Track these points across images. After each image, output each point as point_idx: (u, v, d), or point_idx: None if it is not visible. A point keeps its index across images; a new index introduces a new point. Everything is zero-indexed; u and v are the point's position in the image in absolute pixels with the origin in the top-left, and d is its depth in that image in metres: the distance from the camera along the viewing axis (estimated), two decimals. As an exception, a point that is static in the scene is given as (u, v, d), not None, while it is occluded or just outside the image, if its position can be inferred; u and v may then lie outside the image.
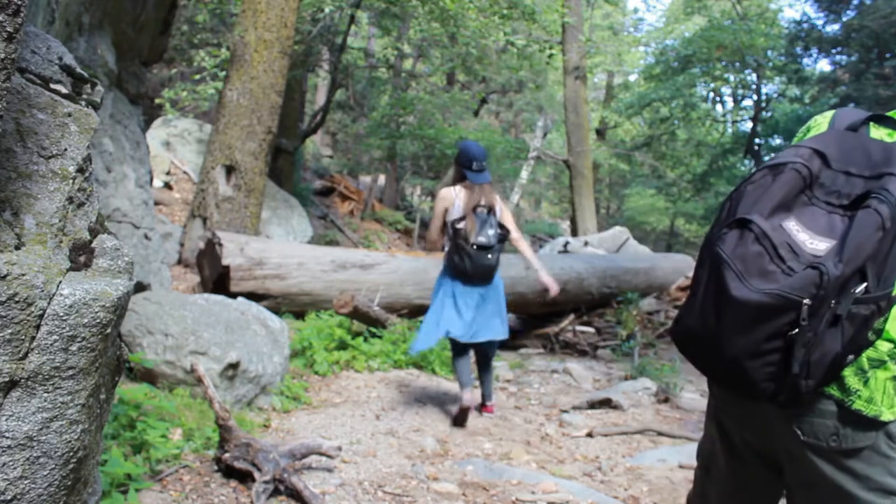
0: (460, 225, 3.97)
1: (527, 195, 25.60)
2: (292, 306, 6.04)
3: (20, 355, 1.03)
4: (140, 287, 4.36)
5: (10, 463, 1.03)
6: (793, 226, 1.22)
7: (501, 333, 4.18)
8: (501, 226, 4.07)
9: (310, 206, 12.36)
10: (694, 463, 1.64)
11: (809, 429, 1.26)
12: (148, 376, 3.61)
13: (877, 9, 14.41)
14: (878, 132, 1.39)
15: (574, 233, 14.32)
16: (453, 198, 4.06)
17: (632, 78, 26.99)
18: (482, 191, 4.08)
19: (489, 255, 3.99)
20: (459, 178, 4.16)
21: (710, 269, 1.25)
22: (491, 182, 4.20)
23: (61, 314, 1.07)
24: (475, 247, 3.95)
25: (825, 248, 1.17)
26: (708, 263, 1.26)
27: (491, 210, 4.05)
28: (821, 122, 1.49)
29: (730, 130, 24.28)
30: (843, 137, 1.34)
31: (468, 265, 3.97)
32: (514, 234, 4.18)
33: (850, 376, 1.23)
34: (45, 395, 1.07)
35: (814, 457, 1.27)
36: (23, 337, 1.03)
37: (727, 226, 1.25)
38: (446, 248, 4.09)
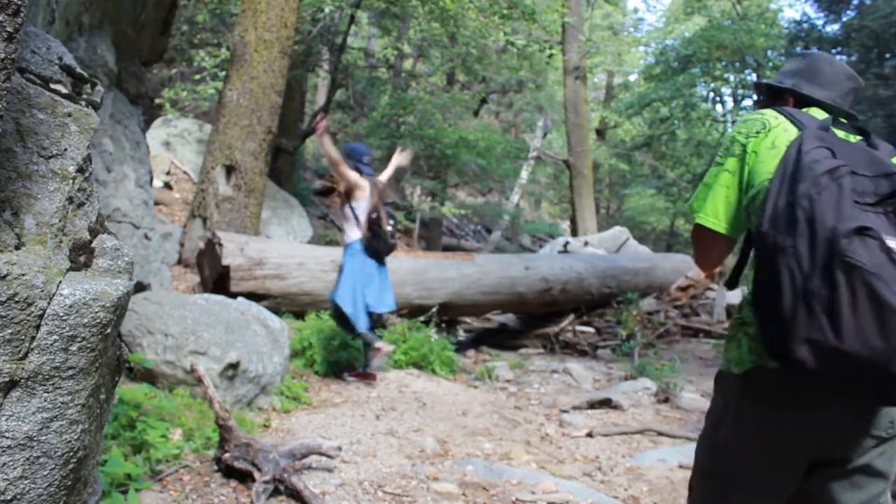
0: (375, 215, 4.86)
1: (527, 195, 25.59)
2: (292, 306, 6.04)
3: (20, 355, 1.03)
4: (140, 287, 4.36)
5: (10, 463, 1.03)
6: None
7: (393, 305, 5.14)
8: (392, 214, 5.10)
9: (310, 206, 12.36)
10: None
11: (878, 421, 1.38)
12: (148, 376, 3.61)
13: (877, 9, 14.40)
14: (840, 134, 1.48)
15: (574, 233, 14.31)
16: (366, 186, 4.94)
17: (632, 78, 26.99)
18: (376, 184, 5.00)
19: (393, 239, 4.99)
20: (354, 169, 4.99)
21: (848, 283, 1.19)
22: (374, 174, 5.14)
23: (61, 314, 1.07)
24: (390, 233, 4.93)
25: None
26: (843, 276, 1.19)
27: (383, 192, 5.04)
28: (778, 123, 1.51)
29: (730, 130, 24.24)
30: (834, 139, 1.40)
31: (383, 247, 4.90)
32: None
33: None
34: (45, 395, 1.07)
35: (872, 447, 1.39)
36: (23, 337, 1.03)
37: (846, 236, 1.21)
38: (361, 233, 4.90)
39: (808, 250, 1.25)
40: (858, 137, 1.50)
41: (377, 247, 4.86)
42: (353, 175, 4.91)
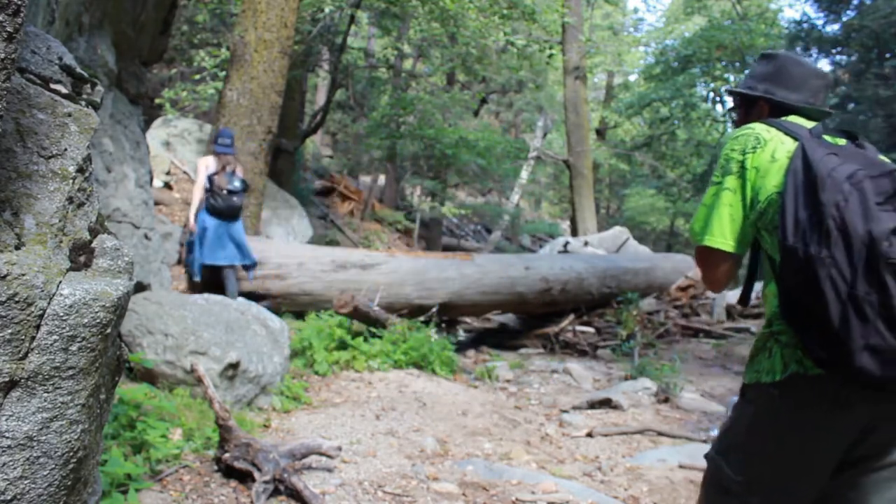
0: (214, 178, 5.54)
1: (527, 195, 25.59)
2: (292, 306, 6.04)
3: (20, 355, 1.03)
4: (140, 287, 4.36)
5: (10, 463, 1.03)
6: None
7: (239, 259, 5.61)
8: (243, 180, 5.71)
9: (310, 206, 12.36)
10: (695, 463, 1.61)
11: None
12: (148, 376, 3.61)
13: (877, 9, 14.40)
14: (829, 139, 1.52)
15: (574, 233, 14.31)
16: (209, 161, 5.65)
17: (632, 78, 26.99)
18: (227, 158, 5.68)
19: (235, 198, 5.54)
20: (212, 153, 5.76)
21: (874, 272, 1.23)
22: (234, 155, 5.80)
23: (61, 314, 1.07)
24: (226, 192, 5.51)
25: None
26: (892, 278, 1.22)
27: (234, 170, 5.65)
28: (772, 136, 1.53)
29: (730, 130, 24.27)
30: (831, 145, 1.44)
31: (220, 204, 5.50)
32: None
33: None
34: (45, 395, 1.07)
35: None
36: (23, 337, 1.03)
37: (886, 239, 1.24)
38: (207, 197, 5.58)
39: (846, 258, 1.26)
40: (844, 140, 1.53)
41: (214, 204, 5.51)
42: (199, 165, 5.71)
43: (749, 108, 1.72)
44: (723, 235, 1.53)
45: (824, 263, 1.28)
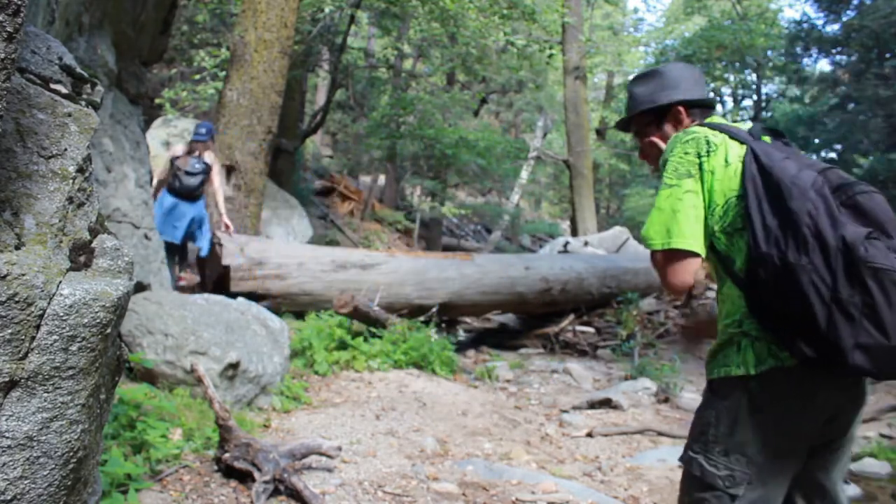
0: (176, 160, 5.83)
1: (527, 195, 25.59)
2: (292, 306, 6.04)
3: (20, 355, 1.03)
4: (140, 287, 4.35)
5: (10, 463, 1.03)
6: None
7: (174, 238, 5.74)
8: (206, 163, 5.87)
9: (310, 206, 12.36)
10: None
11: (865, 395, 1.54)
12: (148, 376, 3.61)
13: (877, 9, 14.40)
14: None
15: (574, 233, 14.31)
16: (177, 148, 6.03)
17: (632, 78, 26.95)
18: (195, 145, 5.94)
19: (191, 179, 5.78)
20: (189, 141, 6.08)
21: (880, 286, 1.30)
22: (207, 142, 5.99)
23: (61, 314, 1.07)
24: (184, 172, 5.76)
25: None
26: (874, 281, 1.30)
27: (200, 155, 5.88)
28: (721, 140, 1.57)
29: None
30: (772, 146, 1.52)
31: (176, 185, 5.77)
32: (217, 179, 6.01)
33: None
34: (45, 395, 1.07)
35: (858, 415, 1.54)
36: (23, 337, 1.03)
37: (862, 244, 1.31)
38: (168, 177, 5.89)
39: (824, 263, 1.33)
40: (769, 138, 1.60)
41: (171, 184, 5.81)
42: (168, 154, 6.10)
43: (661, 121, 1.77)
44: (693, 237, 1.53)
45: (805, 269, 1.34)
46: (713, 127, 1.61)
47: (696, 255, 1.54)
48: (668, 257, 1.56)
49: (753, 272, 1.44)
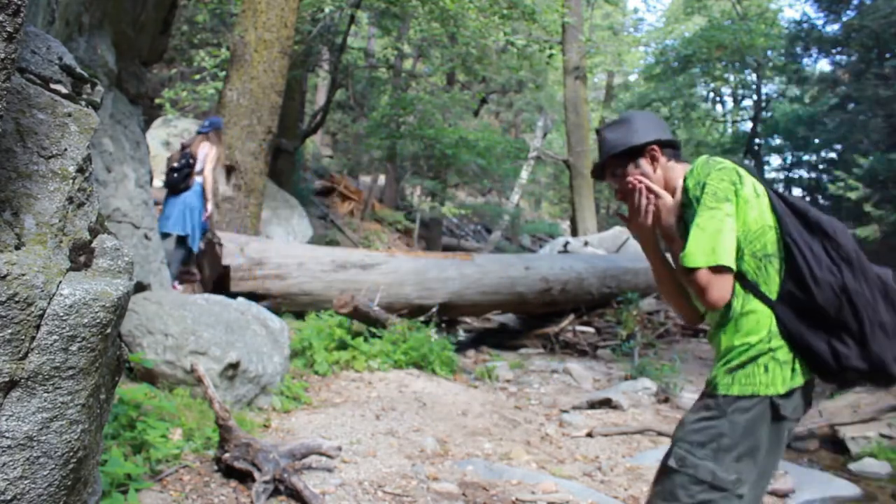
0: (170, 157, 6.35)
1: (527, 195, 25.58)
2: (292, 306, 6.04)
3: (20, 355, 1.03)
4: (140, 287, 4.36)
5: (10, 463, 1.03)
6: None
7: (169, 228, 6.06)
8: (191, 156, 6.21)
9: (310, 206, 12.35)
10: None
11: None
12: (148, 376, 3.61)
13: (877, 9, 14.39)
14: None
15: (574, 233, 14.31)
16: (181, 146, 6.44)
17: (632, 78, 27.00)
18: (192, 139, 6.37)
19: (175, 175, 6.16)
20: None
21: (891, 303, 1.59)
22: (209, 133, 6.35)
23: (61, 314, 1.07)
24: (169, 169, 6.22)
25: None
26: (887, 300, 1.59)
27: (190, 149, 6.25)
28: (744, 173, 1.76)
29: (730, 130, 24.27)
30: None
31: (165, 181, 6.25)
32: (206, 168, 6.26)
33: None
34: (45, 395, 1.07)
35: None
36: (23, 337, 1.03)
37: (892, 277, 1.63)
38: None
39: (870, 291, 1.58)
40: None
41: (167, 179, 6.25)
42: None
43: (636, 160, 1.87)
44: (732, 257, 1.65)
45: (862, 295, 1.57)
46: (729, 160, 1.78)
47: (733, 272, 1.67)
48: (719, 272, 1.65)
49: (792, 295, 1.62)
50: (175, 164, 6.19)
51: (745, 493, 1.62)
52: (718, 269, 1.64)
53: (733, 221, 1.66)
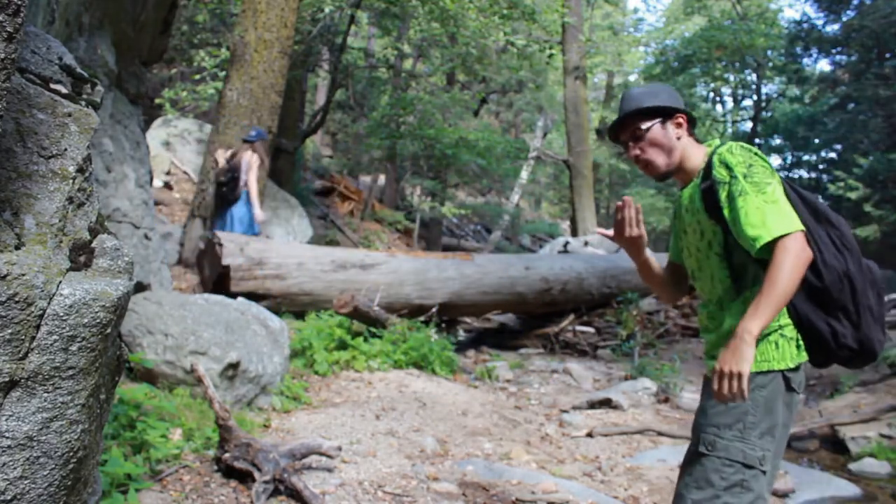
0: (216, 172, 6.70)
1: (527, 195, 25.59)
2: (292, 306, 6.04)
3: (20, 355, 1.03)
4: (140, 287, 4.35)
5: (10, 463, 1.03)
6: None
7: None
8: (233, 170, 6.52)
9: (310, 206, 12.34)
10: None
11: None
12: (148, 376, 3.61)
13: (877, 9, 14.39)
14: None
15: (574, 233, 14.30)
16: (219, 156, 6.83)
17: (632, 78, 26.99)
18: (240, 146, 6.69)
19: (223, 189, 6.54)
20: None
21: (879, 298, 1.74)
22: (254, 141, 6.64)
23: (61, 314, 1.07)
24: (218, 184, 6.62)
25: None
26: (873, 288, 1.72)
27: (231, 162, 6.55)
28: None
29: (730, 130, 24.27)
30: None
31: (215, 194, 6.66)
32: (249, 177, 6.54)
33: None
34: (45, 395, 1.07)
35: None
36: (23, 337, 1.03)
37: (875, 266, 1.77)
38: None
39: (863, 279, 1.72)
40: None
41: (216, 193, 6.64)
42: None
43: (664, 122, 1.92)
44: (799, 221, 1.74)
45: (861, 281, 1.69)
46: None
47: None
48: (801, 238, 1.70)
49: (804, 278, 1.68)
50: (222, 178, 6.55)
51: (768, 470, 1.72)
52: (802, 233, 1.71)
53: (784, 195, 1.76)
